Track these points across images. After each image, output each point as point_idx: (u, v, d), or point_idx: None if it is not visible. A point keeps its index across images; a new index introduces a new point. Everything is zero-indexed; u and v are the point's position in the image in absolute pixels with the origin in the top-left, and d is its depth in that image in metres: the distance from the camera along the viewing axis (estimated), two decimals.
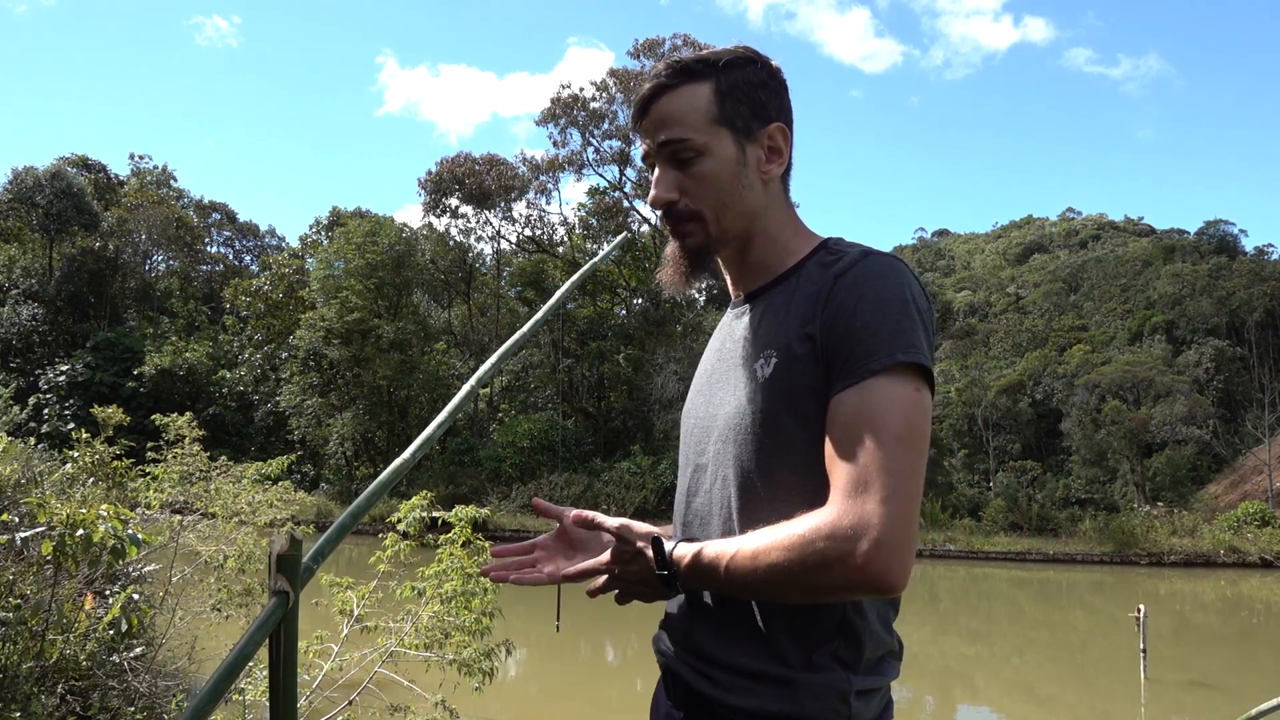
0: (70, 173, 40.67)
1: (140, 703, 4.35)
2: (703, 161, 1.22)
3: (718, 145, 1.22)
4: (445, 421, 0.98)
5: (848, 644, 1.11)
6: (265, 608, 0.72)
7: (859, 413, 1.05)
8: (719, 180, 1.22)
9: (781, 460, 1.13)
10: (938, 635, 15.64)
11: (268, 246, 57.28)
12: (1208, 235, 65.64)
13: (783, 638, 1.11)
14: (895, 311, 1.08)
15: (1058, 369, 48.12)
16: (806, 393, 1.12)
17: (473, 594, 5.20)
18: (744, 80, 1.23)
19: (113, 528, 3.23)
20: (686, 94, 1.22)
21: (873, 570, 0.98)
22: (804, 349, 1.12)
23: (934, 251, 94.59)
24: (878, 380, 1.05)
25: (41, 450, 13.05)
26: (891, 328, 1.07)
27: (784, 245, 1.25)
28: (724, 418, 1.21)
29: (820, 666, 1.10)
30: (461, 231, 37.91)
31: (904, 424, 1.04)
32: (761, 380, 1.16)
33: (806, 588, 1.03)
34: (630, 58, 35.97)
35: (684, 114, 1.22)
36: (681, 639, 1.22)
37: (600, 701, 9.96)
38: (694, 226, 1.24)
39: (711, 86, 1.22)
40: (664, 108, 1.23)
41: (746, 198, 1.23)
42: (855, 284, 1.11)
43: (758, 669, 1.11)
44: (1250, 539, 26.74)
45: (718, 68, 1.23)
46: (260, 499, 7.61)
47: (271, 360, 36.55)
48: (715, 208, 1.22)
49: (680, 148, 1.21)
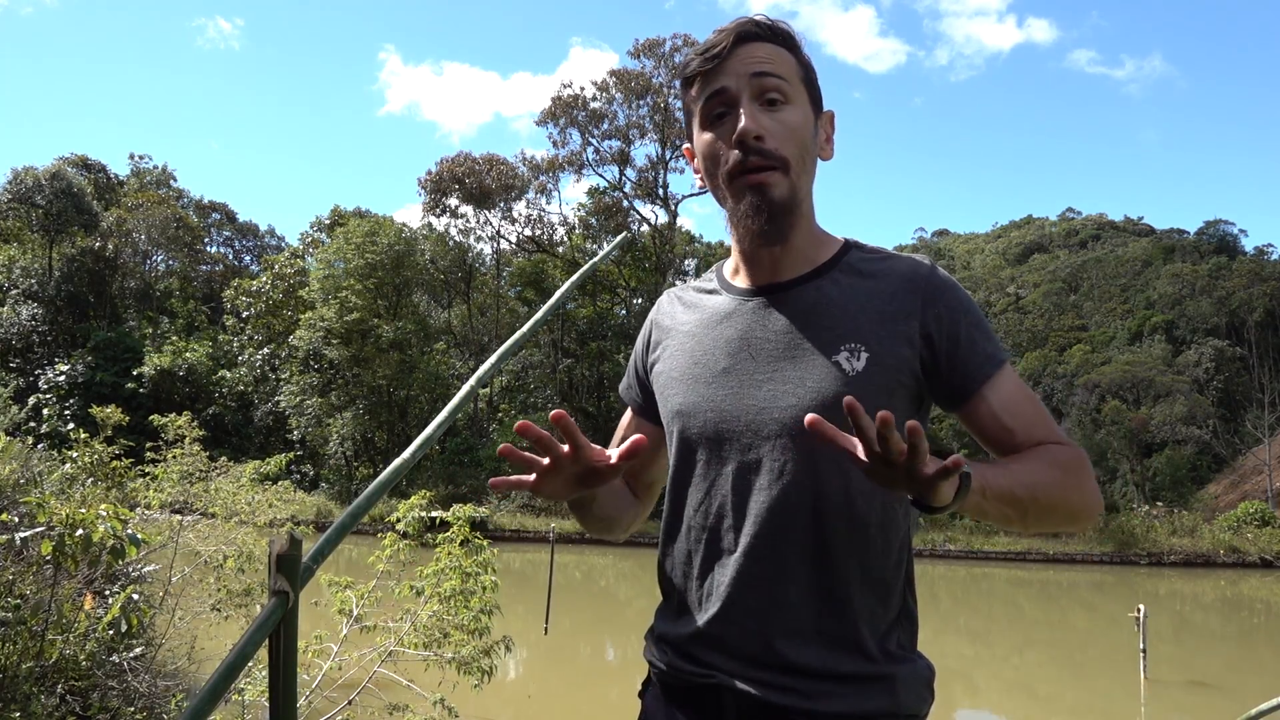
0: (70, 173, 40.64)
1: (140, 703, 4.35)
2: (793, 110, 1.19)
3: (802, 102, 1.21)
4: (445, 421, 0.97)
5: (906, 629, 1.15)
6: (265, 608, 0.72)
7: (1018, 390, 1.19)
8: (804, 134, 1.20)
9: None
10: (938, 635, 15.63)
11: (268, 246, 57.30)
12: (1208, 235, 65.69)
13: (864, 631, 1.11)
14: (982, 316, 1.22)
15: (1058, 369, 48.15)
16: (899, 386, 1.15)
17: (471, 593, 5.20)
18: (812, 64, 1.26)
19: (112, 527, 3.23)
20: (775, 49, 1.21)
21: (1100, 500, 1.15)
22: (903, 348, 1.15)
23: (934, 251, 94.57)
24: (1007, 369, 1.19)
25: (41, 450, 13.05)
26: (990, 329, 1.21)
27: (818, 236, 1.25)
28: (788, 412, 1.13)
29: (898, 657, 1.12)
30: (461, 231, 37.93)
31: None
32: (853, 374, 1.13)
33: (1070, 510, 1.13)
34: (630, 58, 36.00)
35: (779, 61, 1.20)
36: (757, 652, 1.13)
37: (600, 701, 9.96)
38: (778, 175, 1.17)
39: (799, 57, 1.23)
40: (755, 50, 1.19)
41: (813, 167, 1.23)
42: (950, 291, 1.20)
43: (848, 669, 1.10)
44: (1250, 539, 26.74)
45: (796, 42, 1.23)
46: (259, 498, 7.62)
47: (271, 360, 36.55)
48: (798, 160, 1.19)
49: (776, 88, 1.18)
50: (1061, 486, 1.10)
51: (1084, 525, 1.18)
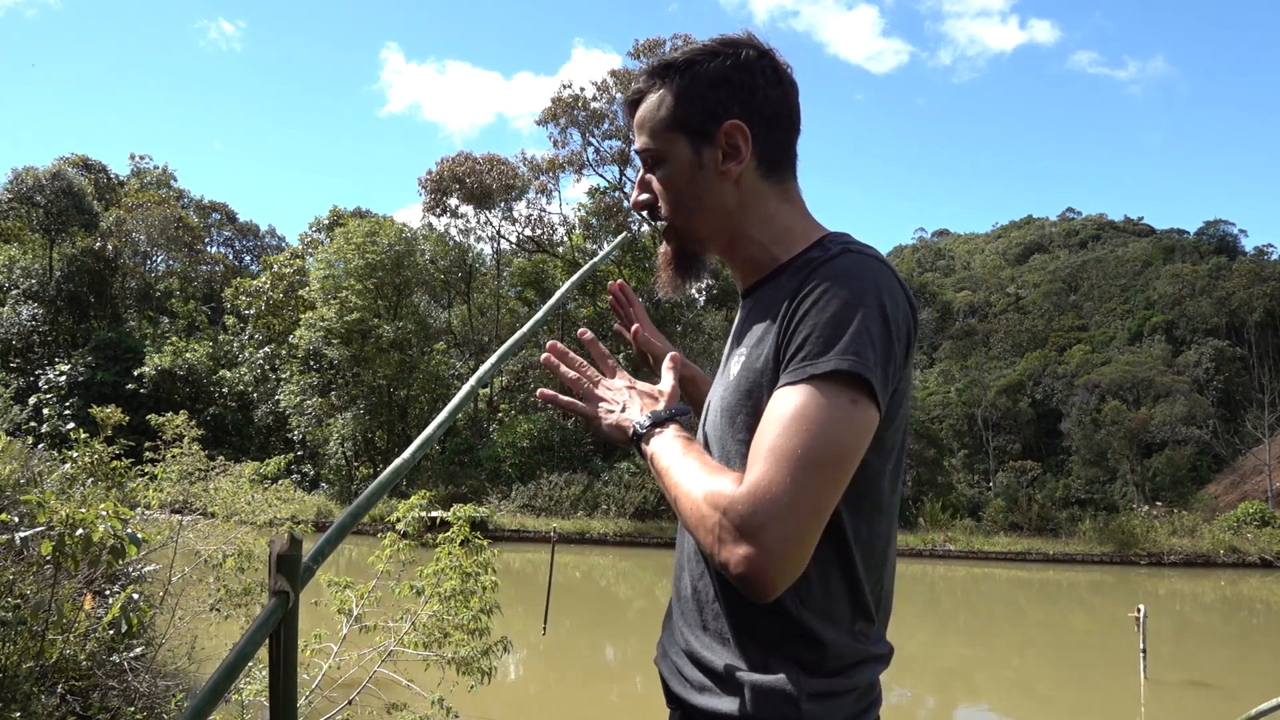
0: (70, 173, 40.63)
1: (140, 702, 4.35)
2: (663, 168, 1.24)
3: (673, 151, 1.23)
4: (445, 421, 0.98)
5: (809, 648, 1.08)
6: (265, 608, 0.72)
7: (786, 414, 1.00)
8: (677, 186, 1.24)
9: (739, 456, 1.12)
10: (938, 635, 15.64)
11: (268, 246, 57.31)
12: (1208, 235, 65.73)
13: (746, 637, 1.11)
14: (854, 315, 1.03)
15: (1058, 369, 48.16)
16: (762, 391, 1.10)
17: (471, 592, 5.21)
18: (702, 79, 1.20)
19: (112, 527, 3.23)
20: (652, 100, 1.24)
21: (739, 570, 0.97)
22: (768, 345, 1.12)
23: (934, 251, 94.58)
24: (815, 385, 1.01)
25: (41, 450, 13.05)
26: (844, 332, 1.02)
27: (773, 241, 1.23)
28: (710, 414, 1.23)
29: (772, 668, 1.08)
30: (461, 231, 37.90)
31: (826, 438, 0.98)
32: (731, 376, 1.17)
33: (695, 533, 1.06)
34: (631, 58, 35.98)
35: (647, 121, 1.25)
36: (671, 631, 1.23)
37: (600, 701, 9.96)
38: (670, 231, 1.28)
39: (673, 90, 1.22)
40: (639, 115, 1.26)
41: (709, 201, 1.22)
42: (823, 281, 1.07)
43: (720, 666, 1.11)
44: (1250, 539, 26.74)
45: (678, 70, 1.22)
46: (259, 498, 7.63)
47: (271, 360, 36.54)
48: (679, 213, 1.25)
49: (645, 155, 1.25)
50: (691, 510, 1.04)
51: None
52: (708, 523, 1.01)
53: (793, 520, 0.96)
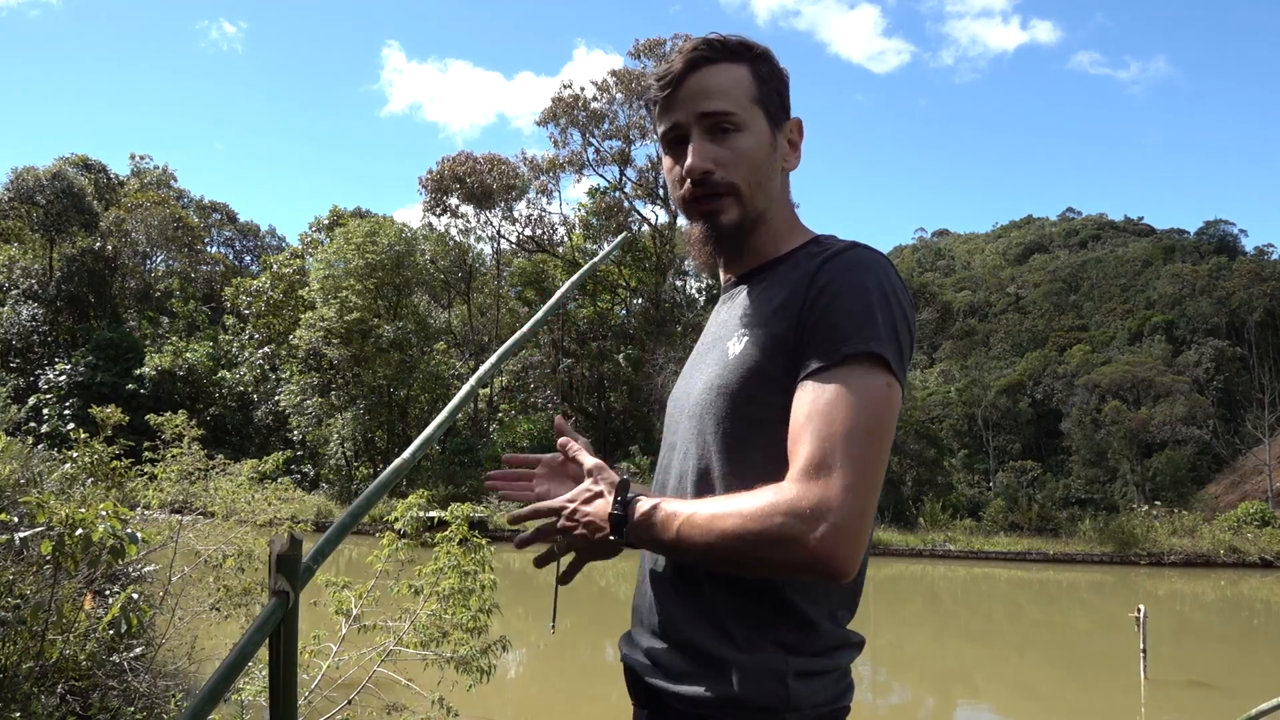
0: (70, 173, 40.63)
1: (140, 703, 4.35)
2: (743, 136, 1.22)
3: (756, 124, 1.23)
4: (445, 421, 0.98)
5: (794, 629, 1.11)
6: (265, 608, 0.72)
7: (829, 395, 1.04)
8: (757, 157, 1.23)
9: (742, 437, 1.13)
10: (938, 635, 15.65)
11: (268, 246, 57.34)
12: (1208, 235, 65.75)
13: (735, 620, 1.11)
14: (876, 302, 1.08)
15: (1058, 369, 48.17)
16: (775, 371, 1.12)
17: (470, 591, 5.21)
18: (773, 72, 1.27)
19: (112, 527, 3.23)
20: (727, 70, 1.23)
21: (825, 554, 0.98)
22: (779, 328, 1.13)
23: (934, 251, 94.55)
24: (851, 366, 1.05)
25: (41, 450, 13.06)
26: (871, 317, 1.07)
27: (781, 236, 1.27)
28: (695, 395, 1.22)
29: (759, 649, 1.09)
30: (462, 231, 37.91)
31: (872, 414, 1.03)
32: (732, 357, 1.17)
33: (755, 560, 1.03)
34: (631, 58, 36.01)
35: (728, 88, 1.22)
36: (643, 620, 1.22)
37: (600, 701, 9.96)
38: (729, 202, 1.23)
39: (750, 69, 1.24)
40: (705, 80, 1.23)
41: (773, 181, 1.26)
42: (841, 270, 1.11)
43: (706, 649, 1.11)
44: (1250, 539, 26.74)
45: (754, 54, 1.25)
46: (259, 497, 7.62)
47: (271, 360, 36.55)
48: (750, 183, 1.23)
49: (724, 119, 1.21)
50: (741, 535, 1.01)
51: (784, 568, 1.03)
52: (770, 534, 1.00)
53: (858, 493, 1.00)
